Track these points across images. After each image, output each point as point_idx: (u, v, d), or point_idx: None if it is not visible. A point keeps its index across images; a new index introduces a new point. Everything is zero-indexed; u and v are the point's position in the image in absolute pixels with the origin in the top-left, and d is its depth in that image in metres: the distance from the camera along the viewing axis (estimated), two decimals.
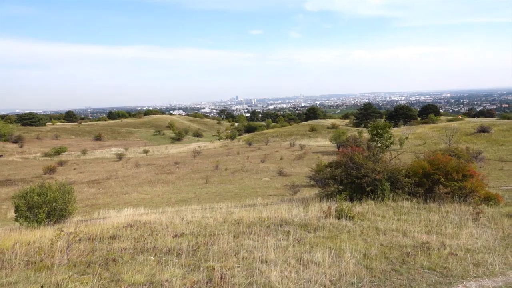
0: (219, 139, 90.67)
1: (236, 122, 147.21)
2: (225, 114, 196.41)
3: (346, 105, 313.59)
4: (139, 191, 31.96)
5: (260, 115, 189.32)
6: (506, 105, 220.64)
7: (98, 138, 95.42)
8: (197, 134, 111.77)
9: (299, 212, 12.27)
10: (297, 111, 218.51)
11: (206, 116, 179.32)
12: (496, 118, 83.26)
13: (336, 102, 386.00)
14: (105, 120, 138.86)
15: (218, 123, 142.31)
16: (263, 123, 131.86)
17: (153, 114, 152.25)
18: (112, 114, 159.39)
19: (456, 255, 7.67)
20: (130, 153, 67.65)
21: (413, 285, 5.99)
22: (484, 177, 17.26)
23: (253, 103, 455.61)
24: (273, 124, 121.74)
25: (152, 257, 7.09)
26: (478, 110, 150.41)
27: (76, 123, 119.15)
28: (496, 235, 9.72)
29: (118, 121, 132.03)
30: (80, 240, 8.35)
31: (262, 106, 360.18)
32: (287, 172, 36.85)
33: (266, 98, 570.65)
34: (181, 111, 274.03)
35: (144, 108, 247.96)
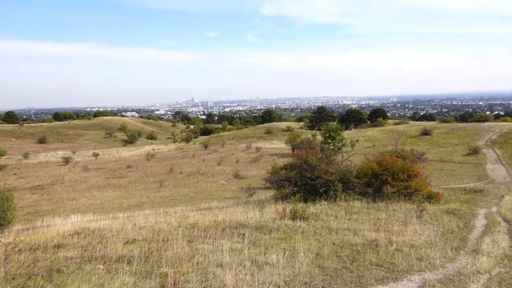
0: (174, 142, 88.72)
1: (191, 124, 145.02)
2: (181, 116, 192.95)
3: (300, 108, 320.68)
4: (87, 197, 30.39)
5: (216, 118, 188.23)
6: (446, 110, 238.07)
7: (42, 141, 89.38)
8: (151, 137, 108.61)
9: (254, 214, 12.33)
10: (253, 114, 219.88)
11: (161, 118, 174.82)
12: (437, 122, 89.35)
13: (291, 105, 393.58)
14: (51, 122, 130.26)
15: (173, 126, 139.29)
16: (219, 125, 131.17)
17: (104, 116, 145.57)
18: (59, 115, 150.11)
19: (402, 251, 8.11)
20: (78, 157, 64.21)
21: (363, 282, 6.24)
22: (426, 177, 18.47)
23: (209, 106, 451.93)
24: (229, 126, 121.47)
25: (101, 266, 6.75)
26: (422, 114, 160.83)
27: (17, 125, 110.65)
28: (437, 231, 10.42)
29: (65, 122, 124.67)
30: (20, 250, 7.75)
31: (218, 109, 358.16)
32: (243, 174, 36.93)
33: (222, 101, 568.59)
34: (134, 113, 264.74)
35: (94, 109, 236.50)
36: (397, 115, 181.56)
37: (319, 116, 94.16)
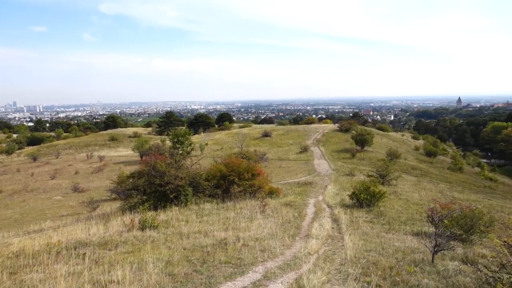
0: None
1: (14, 133, 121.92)
2: None
3: (148, 113, 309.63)
4: None
5: (48, 125, 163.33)
6: (282, 114, 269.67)
7: None
8: None
9: (98, 229, 11.22)
10: (94, 120, 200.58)
11: None
12: (275, 125, 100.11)
13: (138, 110, 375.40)
14: None
15: None
16: (52, 133, 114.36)
17: None
18: None
19: (248, 245, 8.69)
20: None
21: (212, 281, 6.39)
22: (268, 175, 20.38)
23: (38, 111, 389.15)
24: (65, 134, 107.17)
25: None
26: (263, 117, 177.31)
27: None
28: (277, 223, 11.60)
29: None
30: None
31: (51, 114, 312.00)
32: (84, 187, 33.24)
33: (55, 105, 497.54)
34: None
35: None
36: (241, 119, 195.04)
37: (167, 121, 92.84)
